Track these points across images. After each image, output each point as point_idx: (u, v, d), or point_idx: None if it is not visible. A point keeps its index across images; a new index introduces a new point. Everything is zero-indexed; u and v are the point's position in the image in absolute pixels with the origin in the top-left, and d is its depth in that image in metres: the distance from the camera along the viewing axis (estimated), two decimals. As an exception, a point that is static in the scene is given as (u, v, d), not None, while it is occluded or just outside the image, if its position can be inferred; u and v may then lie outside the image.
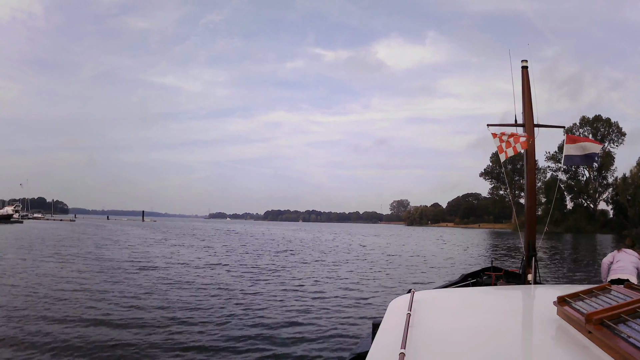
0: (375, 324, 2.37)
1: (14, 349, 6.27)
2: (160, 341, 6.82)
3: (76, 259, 18.01)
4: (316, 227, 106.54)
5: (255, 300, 10.33)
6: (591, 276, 15.76)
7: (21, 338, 6.75)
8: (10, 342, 6.52)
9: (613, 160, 78.10)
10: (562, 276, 16.56)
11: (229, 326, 7.84)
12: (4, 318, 7.89)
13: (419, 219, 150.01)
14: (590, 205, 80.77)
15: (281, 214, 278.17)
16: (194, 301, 9.95)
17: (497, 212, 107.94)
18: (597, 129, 79.86)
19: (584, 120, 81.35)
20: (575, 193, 79.50)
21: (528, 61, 6.86)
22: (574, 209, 80.00)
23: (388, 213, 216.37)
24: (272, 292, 11.40)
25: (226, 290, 11.58)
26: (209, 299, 10.27)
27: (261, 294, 11.21)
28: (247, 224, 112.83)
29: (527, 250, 6.41)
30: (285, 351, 6.49)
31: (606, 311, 1.60)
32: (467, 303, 2.55)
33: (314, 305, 9.84)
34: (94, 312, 8.52)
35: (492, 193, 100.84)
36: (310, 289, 12.14)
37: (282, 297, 10.83)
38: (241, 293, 11.24)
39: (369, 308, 9.70)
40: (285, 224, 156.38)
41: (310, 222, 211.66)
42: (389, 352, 1.59)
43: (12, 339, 6.67)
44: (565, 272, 18.17)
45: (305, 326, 7.92)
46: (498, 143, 6.06)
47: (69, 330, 7.26)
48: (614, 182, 77.94)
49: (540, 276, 6.81)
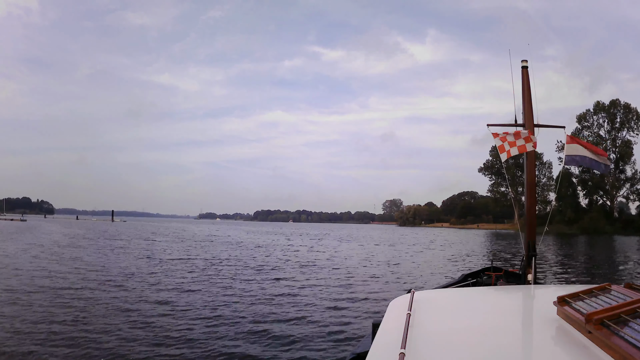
0: (375, 324, 2.34)
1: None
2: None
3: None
4: (297, 227, 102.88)
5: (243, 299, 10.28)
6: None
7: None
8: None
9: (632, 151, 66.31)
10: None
11: (229, 326, 7.95)
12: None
13: (412, 219, 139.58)
14: (607, 203, 68.85)
15: (271, 214, 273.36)
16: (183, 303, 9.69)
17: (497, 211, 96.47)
18: (613, 115, 68.45)
19: (598, 106, 70.03)
20: (590, 188, 67.20)
21: (528, 61, 6.83)
22: (589, 206, 67.95)
23: (381, 213, 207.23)
24: (270, 292, 11.26)
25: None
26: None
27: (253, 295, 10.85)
28: (220, 225, 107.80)
29: (527, 250, 6.38)
30: (285, 351, 6.61)
31: (606, 311, 1.61)
32: (467, 303, 2.56)
33: (314, 305, 10.00)
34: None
35: (492, 190, 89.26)
36: (310, 289, 12.22)
37: (282, 296, 10.90)
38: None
39: (369, 308, 9.79)
40: (271, 224, 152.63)
41: (300, 223, 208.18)
42: (389, 352, 1.60)
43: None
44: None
45: (305, 326, 8.05)
46: (499, 143, 5.93)
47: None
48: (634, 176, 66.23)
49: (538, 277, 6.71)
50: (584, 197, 70.17)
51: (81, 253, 21.28)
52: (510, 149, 5.83)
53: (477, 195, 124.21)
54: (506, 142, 5.87)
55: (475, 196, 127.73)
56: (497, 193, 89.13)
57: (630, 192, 68.34)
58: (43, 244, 26.71)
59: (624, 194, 69.22)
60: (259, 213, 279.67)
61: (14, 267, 15.53)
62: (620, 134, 68.71)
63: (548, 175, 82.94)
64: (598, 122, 70.47)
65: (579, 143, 6.28)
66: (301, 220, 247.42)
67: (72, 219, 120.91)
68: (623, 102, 69.00)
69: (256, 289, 12.29)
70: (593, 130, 70.14)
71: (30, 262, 16.97)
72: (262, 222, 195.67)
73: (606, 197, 69.91)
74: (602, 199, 70.03)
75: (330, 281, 14.07)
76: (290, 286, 12.89)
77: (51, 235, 37.66)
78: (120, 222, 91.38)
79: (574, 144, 6.21)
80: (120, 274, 14.27)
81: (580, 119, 70.99)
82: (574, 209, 67.19)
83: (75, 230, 48.41)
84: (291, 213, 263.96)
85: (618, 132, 68.71)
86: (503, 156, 5.88)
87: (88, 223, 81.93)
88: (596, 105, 70.63)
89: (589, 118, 70.79)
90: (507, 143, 5.86)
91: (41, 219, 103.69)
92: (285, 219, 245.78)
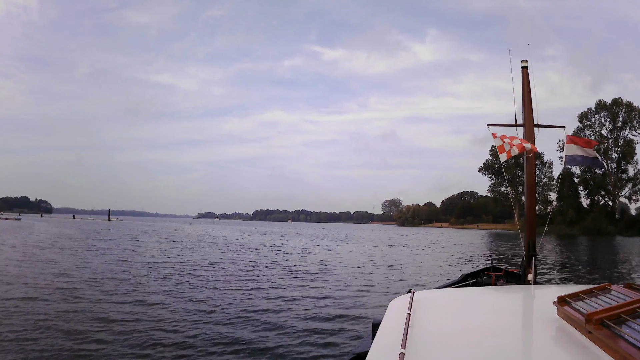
0: (375, 324, 2.30)
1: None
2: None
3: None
4: (295, 227, 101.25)
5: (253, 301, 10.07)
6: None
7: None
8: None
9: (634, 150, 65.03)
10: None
11: (228, 327, 7.81)
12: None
13: (411, 218, 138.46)
14: (609, 203, 67.57)
15: (270, 213, 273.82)
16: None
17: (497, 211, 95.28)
18: (615, 114, 67.25)
19: (600, 105, 68.74)
20: (592, 188, 65.90)
21: (528, 61, 6.85)
22: (590, 206, 66.66)
23: (380, 213, 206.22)
24: (268, 291, 11.17)
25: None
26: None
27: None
28: (217, 225, 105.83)
29: (527, 250, 6.37)
30: (285, 351, 6.52)
31: (606, 311, 1.61)
32: (467, 303, 2.55)
33: (313, 305, 9.86)
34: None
35: (492, 190, 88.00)
36: (309, 289, 12.12)
37: (281, 296, 10.79)
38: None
39: (369, 308, 9.68)
40: (270, 224, 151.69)
41: (299, 222, 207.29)
42: (389, 352, 1.59)
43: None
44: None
45: (305, 327, 7.90)
46: (499, 143, 5.90)
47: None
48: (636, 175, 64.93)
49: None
50: (586, 197, 68.94)
51: (57, 255, 19.84)
52: (510, 149, 5.81)
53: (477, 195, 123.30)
54: (506, 142, 5.85)
55: (474, 196, 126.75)
56: (497, 193, 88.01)
57: (633, 192, 67.15)
58: (20, 244, 25.22)
59: (625, 193, 68.08)
60: (258, 213, 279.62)
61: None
62: (623, 133, 67.59)
63: (549, 175, 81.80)
64: (600, 121, 69.29)
65: (577, 143, 6.26)
66: (300, 220, 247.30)
67: (68, 218, 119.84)
68: (625, 101, 67.85)
69: (251, 288, 12.08)
70: (595, 130, 69.07)
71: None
72: (261, 222, 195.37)
73: (608, 197, 68.63)
74: (603, 199, 68.77)
75: (329, 282, 13.83)
76: (287, 288, 12.55)
77: (39, 234, 36.48)
78: (117, 222, 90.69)
79: (573, 144, 6.22)
80: (82, 280, 12.67)
81: (582, 118, 69.89)
82: (575, 210, 65.86)
83: (66, 230, 47.26)
84: (290, 213, 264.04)
85: (620, 131, 67.63)
86: (503, 156, 5.84)
87: (83, 222, 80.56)
88: (598, 104, 69.41)
89: (591, 117, 69.62)
90: (507, 143, 5.85)
91: (37, 218, 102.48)
92: (284, 219, 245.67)
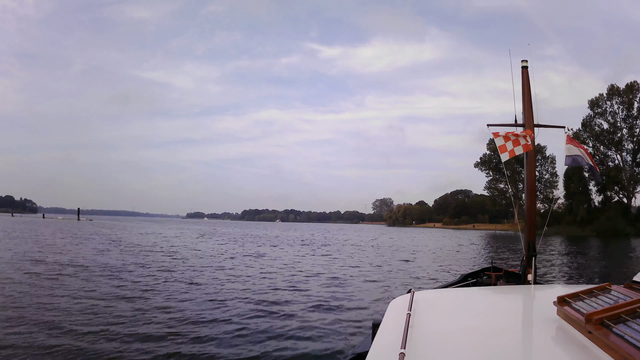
0: (375, 324, 2.31)
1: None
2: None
3: None
4: (273, 227, 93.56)
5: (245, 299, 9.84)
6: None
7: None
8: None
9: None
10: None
11: (227, 327, 7.61)
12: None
13: (402, 218, 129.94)
14: (623, 200, 59.18)
15: (259, 213, 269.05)
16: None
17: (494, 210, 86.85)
18: (630, 101, 58.67)
19: (612, 90, 60.17)
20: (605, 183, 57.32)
21: (528, 61, 6.71)
22: (603, 204, 58.18)
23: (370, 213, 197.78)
24: (265, 290, 10.94)
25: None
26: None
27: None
28: (193, 225, 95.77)
29: (527, 250, 6.31)
30: (285, 351, 6.36)
31: (606, 311, 1.60)
32: (467, 303, 2.54)
33: (313, 305, 9.58)
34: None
35: (489, 187, 79.66)
36: (309, 290, 11.65)
37: (279, 296, 10.51)
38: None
39: (369, 308, 9.44)
40: (256, 224, 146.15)
41: (288, 222, 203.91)
42: (389, 352, 1.58)
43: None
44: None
45: (304, 327, 7.73)
46: (501, 142, 5.79)
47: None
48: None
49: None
50: (597, 193, 60.55)
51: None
52: (514, 148, 5.74)
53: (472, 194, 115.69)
54: (509, 141, 5.79)
55: (469, 194, 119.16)
56: (495, 190, 79.77)
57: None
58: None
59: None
60: (247, 212, 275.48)
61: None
62: (638, 121, 59.30)
63: (551, 171, 73.63)
64: (612, 108, 60.95)
65: (578, 146, 6.16)
66: (289, 219, 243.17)
67: (38, 217, 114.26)
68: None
69: (239, 289, 11.25)
70: (607, 118, 60.88)
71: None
72: (248, 222, 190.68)
73: (622, 193, 60.31)
74: (617, 196, 60.42)
75: (328, 284, 13.15)
76: (284, 290, 11.71)
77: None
78: (86, 222, 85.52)
79: (573, 145, 6.13)
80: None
81: (592, 105, 61.95)
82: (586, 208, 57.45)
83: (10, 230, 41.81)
84: (279, 212, 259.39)
85: (636, 120, 59.51)
86: (504, 156, 5.75)
87: (47, 222, 75.28)
88: (610, 89, 61.15)
89: (602, 104, 61.31)
90: (509, 142, 5.77)
91: (7, 217, 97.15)
92: (273, 219, 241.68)
